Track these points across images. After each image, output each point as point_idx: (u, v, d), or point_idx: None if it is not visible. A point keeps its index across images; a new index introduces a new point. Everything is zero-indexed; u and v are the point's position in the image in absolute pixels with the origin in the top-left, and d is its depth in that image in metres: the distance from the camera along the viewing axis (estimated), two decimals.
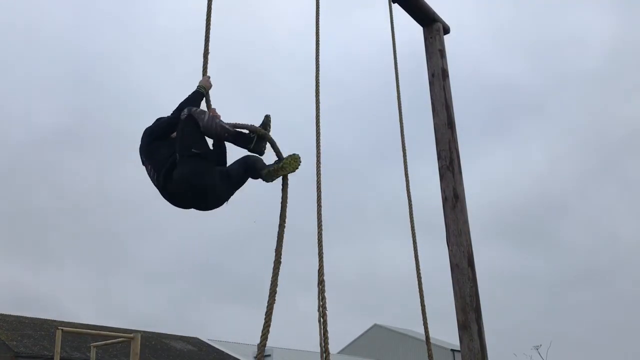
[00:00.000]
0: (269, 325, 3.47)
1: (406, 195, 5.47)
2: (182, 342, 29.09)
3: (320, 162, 4.16)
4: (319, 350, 3.80)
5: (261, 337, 3.47)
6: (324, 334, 3.59)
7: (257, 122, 4.02)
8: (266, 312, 3.47)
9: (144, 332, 27.17)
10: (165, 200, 4.09)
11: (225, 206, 4.10)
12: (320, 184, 4.09)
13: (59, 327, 10.63)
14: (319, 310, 3.65)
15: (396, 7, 6.42)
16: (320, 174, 4.13)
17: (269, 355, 20.89)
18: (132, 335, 10.70)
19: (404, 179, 5.55)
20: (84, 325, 24.64)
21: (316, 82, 4.57)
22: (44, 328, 23.77)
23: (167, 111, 4.21)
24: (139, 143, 4.29)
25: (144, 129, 4.29)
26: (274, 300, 3.50)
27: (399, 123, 5.82)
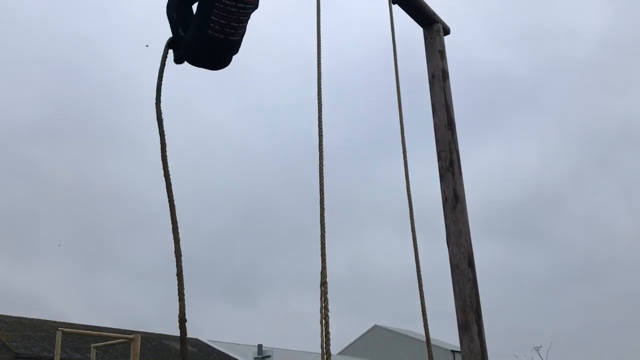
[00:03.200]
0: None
1: (406, 195, 5.46)
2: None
3: (322, 164, 4.15)
4: (319, 351, 3.80)
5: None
6: (325, 336, 3.59)
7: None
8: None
9: (144, 333, 27.18)
10: None
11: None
12: (322, 185, 4.09)
13: (59, 328, 10.65)
14: (321, 311, 3.65)
15: (396, 7, 6.42)
16: (322, 175, 4.12)
17: (269, 356, 20.90)
18: (132, 336, 10.70)
19: (404, 179, 5.54)
20: (84, 326, 24.65)
21: (318, 88, 4.57)
22: (44, 329, 23.78)
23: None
24: None
25: None
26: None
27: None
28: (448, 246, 5.74)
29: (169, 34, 4.22)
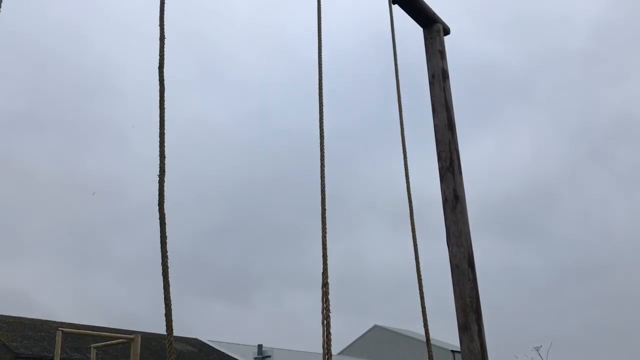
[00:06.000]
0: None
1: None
2: (183, 343, 29.08)
3: (324, 166, 4.15)
4: (318, 351, 3.80)
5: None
6: (327, 336, 3.59)
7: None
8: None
9: (144, 333, 27.20)
10: None
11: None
12: (324, 187, 4.08)
13: (59, 328, 10.64)
14: (322, 312, 3.65)
15: (396, 7, 6.43)
16: (324, 176, 4.12)
17: (269, 356, 20.92)
18: (132, 336, 10.69)
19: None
20: (84, 326, 24.66)
21: (319, 90, 4.56)
22: (44, 329, 23.77)
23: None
24: None
25: None
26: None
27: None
28: (448, 246, 5.74)
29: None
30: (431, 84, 6.47)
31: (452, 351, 44.65)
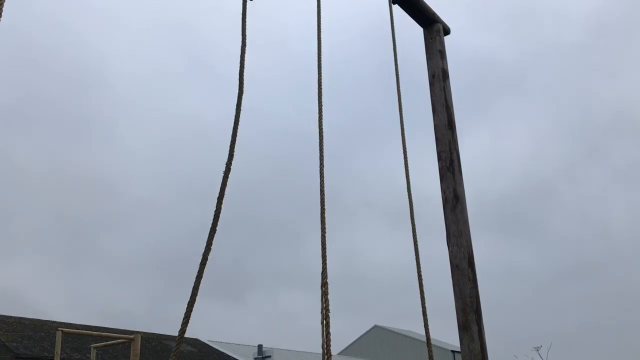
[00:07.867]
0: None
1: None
2: (183, 343, 29.08)
3: (323, 166, 4.14)
4: (318, 351, 3.80)
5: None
6: (326, 336, 3.59)
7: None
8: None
9: (144, 333, 27.24)
10: None
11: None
12: (323, 187, 4.08)
13: (59, 329, 10.65)
14: (322, 312, 3.65)
15: (396, 7, 6.42)
16: (323, 176, 4.11)
17: (269, 356, 20.95)
18: (132, 336, 10.70)
19: (404, 179, 5.54)
20: (84, 327, 24.67)
21: (319, 91, 4.56)
22: (44, 329, 23.77)
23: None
24: None
25: None
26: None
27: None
28: (448, 246, 5.74)
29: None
30: (431, 83, 6.47)
31: (452, 351, 44.67)
